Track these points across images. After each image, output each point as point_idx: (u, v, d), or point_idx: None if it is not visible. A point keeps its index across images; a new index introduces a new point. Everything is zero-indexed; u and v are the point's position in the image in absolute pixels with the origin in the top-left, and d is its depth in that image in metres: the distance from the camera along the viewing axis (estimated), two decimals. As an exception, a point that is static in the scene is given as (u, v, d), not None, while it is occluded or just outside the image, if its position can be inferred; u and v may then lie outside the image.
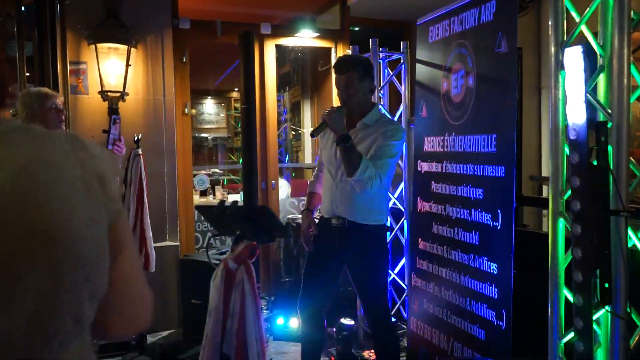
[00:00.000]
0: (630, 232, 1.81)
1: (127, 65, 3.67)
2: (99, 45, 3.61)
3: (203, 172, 6.50)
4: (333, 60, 4.70)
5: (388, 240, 3.81)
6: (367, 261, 2.51)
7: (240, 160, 5.02)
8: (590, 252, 1.69)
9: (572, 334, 1.89)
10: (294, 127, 6.15)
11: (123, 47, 3.66)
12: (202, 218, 4.94)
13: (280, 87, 6.10)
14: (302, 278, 2.67)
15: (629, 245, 1.85)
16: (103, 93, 3.68)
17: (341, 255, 2.53)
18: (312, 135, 2.45)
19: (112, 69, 3.68)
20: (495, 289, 2.55)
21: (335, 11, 4.82)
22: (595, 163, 1.74)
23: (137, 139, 3.26)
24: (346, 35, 4.73)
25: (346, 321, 3.34)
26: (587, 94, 1.85)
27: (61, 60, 3.44)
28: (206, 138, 8.63)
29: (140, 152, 3.26)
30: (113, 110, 3.69)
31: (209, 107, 8.72)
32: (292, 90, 6.15)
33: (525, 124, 4.29)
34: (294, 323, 3.77)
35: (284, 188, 5.38)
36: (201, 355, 1.59)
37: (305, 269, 2.65)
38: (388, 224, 2.69)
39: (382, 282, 2.59)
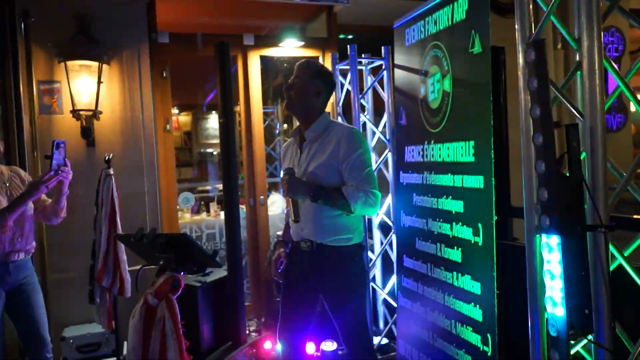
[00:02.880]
0: (612, 250, 1.59)
1: (99, 82, 3.55)
2: (70, 63, 3.50)
3: (206, 187, 6.38)
4: (321, 70, 4.53)
5: (373, 259, 3.62)
6: (340, 286, 2.30)
7: (242, 175, 4.87)
8: (564, 274, 1.47)
9: (553, 366, 1.66)
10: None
11: (95, 64, 3.55)
12: (194, 236, 4.81)
13: (273, 99, 5.96)
14: (279, 307, 2.48)
15: (614, 264, 1.62)
16: (75, 112, 3.56)
17: (313, 282, 2.34)
18: (297, 220, 2.22)
19: (84, 86, 3.57)
20: (479, 311, 2.32)
21: (322, 19, 4.66)
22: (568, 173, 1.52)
23: (108, 158, 3.11)
24: (333, 43, 4.57)
25: (329, 345, 3.14)
26: (558, 94, 1.65)
27: (26, 79, 3.33)
28: (211, 153, 8.52)
29: (111, 172, 3.11)
30: (85, 130, 3.57)
31: (214, 121, 8.62)
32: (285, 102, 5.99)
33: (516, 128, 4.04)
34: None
35: (277, 203, 5.20)
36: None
37: (282, 298, 2.46)
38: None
39: (358, 307, 2.37)
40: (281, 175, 2.40)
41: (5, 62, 3.15)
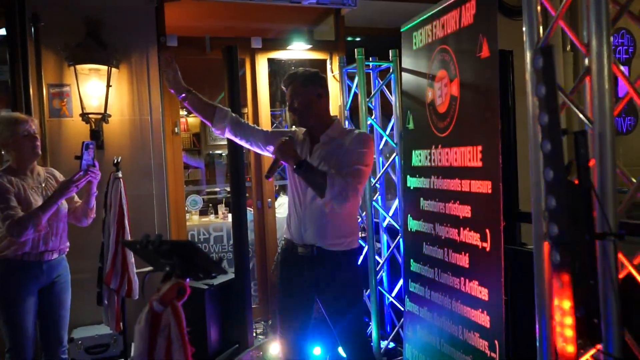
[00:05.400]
0: (622, 258, 1.57)
1: (108, 85, 3.57)
2: (80, 67, 3.53)
3: (214, 188, 6.37)
4: (329, 72, 4.54)
5: (381, 263, 3.60)
6: (339, 292, 2.29)
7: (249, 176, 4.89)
8: (572, 283, 1.45)
9: (561, 375, 1.64)
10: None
11: (104, 68, 3.56)
12: (202, 239, 4.82)
13: (281, 101, 5.97)
14: (277, 312, 2.48)
15: (623, 273, 1.60)
16: (84, 115, 3.58)
17: (311, 287, 2.33)
18: (267, 177, 2.23)
19: (93, 90, 3.59)
20: (487, 317, 2.31)
21: (330, 22, 4.66)
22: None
23: (117, 161, 3.12)
24: (341, 46, 4.56)
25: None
26: (567, 100, 1.63)
27: (36, 83, 3.35)
28: (220, 155, 8.52)
29: (120, 175, 3.13)
30: (94, 133, 3.59)
31: (223, 123, 8.58)
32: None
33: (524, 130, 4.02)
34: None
35: (285, 205, 5.21)
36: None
37: (278, 302, 2.46)
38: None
39: (357, 312, 2.36)
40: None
41: (15, 66, 3.18)
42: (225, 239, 4.80)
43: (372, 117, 3.60)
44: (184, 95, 2.33)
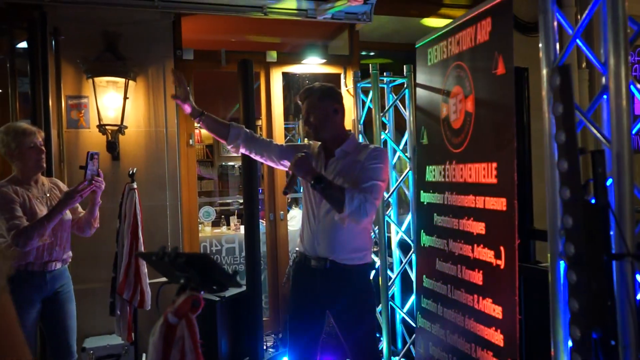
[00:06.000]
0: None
1: (125, 98, 3.62)
2: (98, 79, 3.59)
3: (226, 200, 6.40)
4: (343, 87, 4.56)
5: (393, 278, 3.59)
6: (351, 306, 2.29)
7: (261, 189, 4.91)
8: (589, 303, 1.44)
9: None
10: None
11: (121, 80, 3.62)
12: (214, 250, 4.84)
13: (295, 115, 6.00)
14: (287, 323, 2.48)
15: (640, 293, 1.58)
16: (101, 127, 3.63)
17: (323, 300, 2.33)
18: (285, 192, 2.21)
19: (110, 102, 3.64)
20: (501, 336, 2.28)
21: (344, 37, 4.69)
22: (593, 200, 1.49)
23: (132, 172, 3.16)
24: (355, 60, 4.58)
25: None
26: (584, 119, 1.63)
27: (55, 94, 3.42)
28: (233, 166, 8.57)
29: (135, 186, 3.16)
30: (111, 144, 3.64)
31: (236, 135, 8.63)
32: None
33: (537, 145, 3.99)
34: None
35: (297, 218, 5.21)
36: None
37: (290, 315, 2.46)
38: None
39: (369, 327, 2.35)
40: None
41: (36, 78, 3.25)
42: (237, 250, 4.81)
43: (386, 131, 3.61)
44: (198, 117, 2.36)
